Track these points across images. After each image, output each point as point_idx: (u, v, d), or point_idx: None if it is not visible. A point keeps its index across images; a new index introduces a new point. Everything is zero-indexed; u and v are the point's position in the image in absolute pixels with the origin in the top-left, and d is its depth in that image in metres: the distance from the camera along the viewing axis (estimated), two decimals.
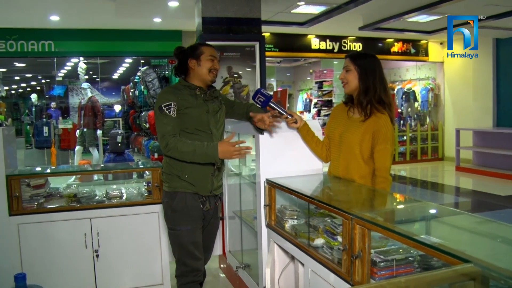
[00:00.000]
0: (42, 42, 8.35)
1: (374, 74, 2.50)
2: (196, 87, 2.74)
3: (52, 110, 12.11)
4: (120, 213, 3.60)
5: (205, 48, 2.77)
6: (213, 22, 5.47)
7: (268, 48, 9.68)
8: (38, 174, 3.68)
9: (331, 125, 2.73)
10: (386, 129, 2.45)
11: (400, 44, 10.89)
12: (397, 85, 12.28)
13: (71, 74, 12.27)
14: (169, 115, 2.59)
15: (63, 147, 10.87)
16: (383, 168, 2.48)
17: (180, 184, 2.69)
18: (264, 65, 5.58)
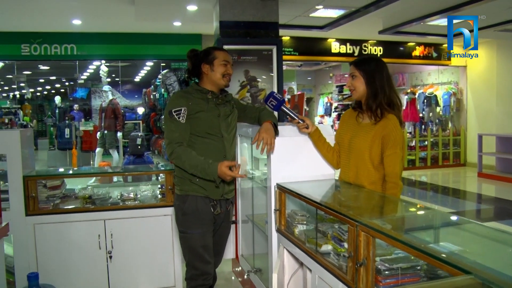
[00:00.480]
0: (64, 45, 8.53)
1: (380, 77, 2.47)
2: (208, 91, 2.75)
3: (75, 112, 12.36)
4: (133, 215, 3.63)
5: (219, 53, 2.78)
6: (231, 26, 5.49)
7: (288, 51, 9.68)
8: (54, 175, 3.74)
9: (341, 131, 2.71)
10: (396, 133, 2.42)
11: (421, 48, 10.74)
12: (419, 90, 12.10)
13: (93, 77, 12.50)
14: (177, 121, 2.61)
15: (85, 149, 11.05)
16: (393, 174, 2.44)
17: (191, 188, 2.70)
18: (281, 69, 5.56)
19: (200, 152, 2.67)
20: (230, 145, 2.80)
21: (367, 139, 2.47)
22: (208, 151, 2.69)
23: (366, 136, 2.48)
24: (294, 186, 2.68)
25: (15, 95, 17.34)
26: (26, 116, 15.43)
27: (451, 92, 11.34)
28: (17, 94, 17.12)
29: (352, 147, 2.57)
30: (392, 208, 2.33)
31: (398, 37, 9.15)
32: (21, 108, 15.59)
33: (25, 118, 15.17)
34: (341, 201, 2.50)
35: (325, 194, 2.69)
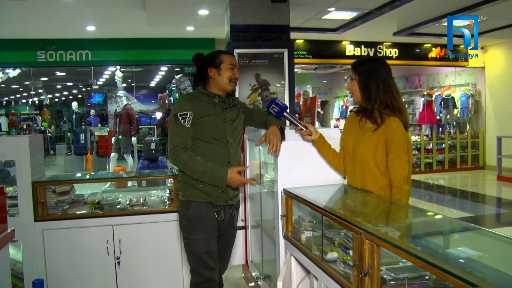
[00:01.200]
0: (79, 51, 8.62)
1: (375, 79, 2.36)
2: (214, 95, 2.70)
3: (91, 118, 12.48)
4: (141, 221, 3.60)
5: (225, 57, 2.73)
6: (242, 30, 5.46)
7: (302, 55, 9.62)
8: (63, 181, 3.73)
9: (345, 137, 2.63)
10: (398, 136, 2.32)
11: (438, 49, 10.55)
12: (436, 92, 11.90)
13: (109, 83, 12.60)
14: (183, 125, 2.56)
15: (101, 154, 11.14)
16: (396, 178, 2.35)
17: (194, 193, 2.65)
18: (293, 72, 5.51)
19: (204, 157, 2.61)
20: (235, 151, 2.74)
21: (370, 145, 2.39)
22: (212, 156, 2.64)
23: (369, 142, 2.40)
24: (301, 191, 2.61)
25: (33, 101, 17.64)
26: (45, 122, 15.67)
27: (469, 93, 11.12)
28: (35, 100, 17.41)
29: (356, 153, 2.49)
30: (399, 214, 2.25)
31: (413, 38, 9.00)
32: (39, 114, 15.85)
33: (43, 123, 15.41)
34: (347, 207, 2.42)
35: (331, 200, 2.61)
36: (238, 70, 2.76)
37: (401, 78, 12.87)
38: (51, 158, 14.94)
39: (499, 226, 6.37)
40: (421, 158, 10.87)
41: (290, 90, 5.50)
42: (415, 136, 11.18)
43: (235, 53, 5.39)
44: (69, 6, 6.17)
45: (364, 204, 2.37)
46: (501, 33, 8.56)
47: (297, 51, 9.50)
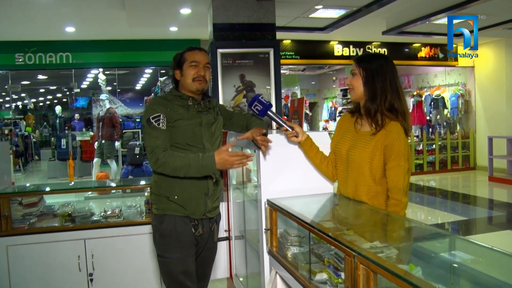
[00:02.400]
0: (60, 54, 8.30)
1: (383, 78, 2.14)
2: (188, 97, 2.43)
3: (75, 122, 12.15)
4: (116, 234, 3.32)
5: (188, 54, 2.44)
6: (225, 29, 5.20)
7: (289, 55, 9.39)
8: (29, 192, 3.44)
9: (337, 140, 2.37)
10: (399, 143, 2.09)
11: (427, 49, 10.38)
12: (425, 92, 11.73)
13: (94, 86, 12.26)
14: (158, 128, 2.29)
15: (85, 159, 10.84)
16: (395, 189, 2.12)
17: (169, 206, 2.38)
18: (279, 72, 5.25)
19: None
20: None
21: (367, 151, 2.15)
22: None
23: (366, 147, 2.16)
24: (286, 202, 2.35)
25: (17, 105, 17.20)
26: (29, 127, 15.24)
27: (458, 93, 10.96)
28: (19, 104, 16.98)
29: (351, 159, 2.24)
30: (399, 231, 1.99)
31: (402, 37, 8.82)
32: (24, 118, 15.42)
33: (27, 128, 14.98)
34: (338, 221, 2.16)
35: (320, 213, 2.36)
36: (205, 67, 2.44)
37: None
38: (36, 163, 14.56)
39: (492, 229, 6.17)
40: (411, 160, 10.67)
41: (276, 91, 5.24)
42: None
43: (219, 53, 5.14)
44: (45, 6, 5.86)
45: (358, 217, 2.12)
46: (491, 32, 8.39)
47: (284, 51, 9.27)
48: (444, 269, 1.51)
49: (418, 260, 1.63)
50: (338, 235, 1.70)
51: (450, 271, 1.49)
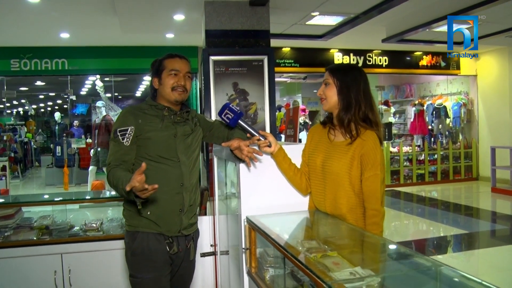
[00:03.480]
0: (55, 60, 8.17)
1: (357, 88, 2.10)
2: (164, 107, 2.30)
3: (74, 129, 12.02)
4: (95, 248, 3.18)
5: (167, 62, 2.31)
6: (218, 35, 5.07)
7: (289, 63, 9.26)
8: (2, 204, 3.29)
9: (310, 151, 2.26)
10: (376, 151, 2.04)
11: (429, 57, 10.22)
12: (427, 101, 11.57)
13: (93, 92, 12.15)
14: (120, 143, 2.18)
15: (83, 166, 10.75)
16: (373, 199, 2.04)
17: (141, 223, 2.23)
18: (273, 80, 5.11)
19: (153, 179, 2.18)
20: (190, 171, 2.33)
21: (345, 161, 2.07)
22: (162, 178, 2.23)
23: (343, 157, 2.08)
24: (266, 220, 2.20)
25: (18, 111, 17.13)
26: (29, 133, 15.16)
27: (461, 102, 10.78)
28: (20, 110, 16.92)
29: (327, 171, 2.13)
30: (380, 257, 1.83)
31: (404, 46, 8.66)
32: (25, 124, 15.35)
33: (27, 134, 14.91)
34: (320, 242, 2.00)
35: (297, 234, 2.19)
36: (186, 76, 2.32)
37: (392, 87, 12.54)
38: (36, 170, 14.47)
39: (494, 244, 5.97)
40: (413, 170, 10.50)
41: (270, 100, 5.09)
42: (406, 146, 10.81)
43: (211, 60, 5.00)
44: (35, 11, 5.74)
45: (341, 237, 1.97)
46: (494, 40, 8.23)
47: (283, 59, 9.14)
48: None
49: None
50: (311, 262, 1.54)
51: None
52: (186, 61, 2.36)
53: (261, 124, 5.10)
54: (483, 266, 5.03)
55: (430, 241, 6.10)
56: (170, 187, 2.24)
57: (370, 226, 2.05)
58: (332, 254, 1.78)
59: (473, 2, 5.59)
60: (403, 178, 10.36)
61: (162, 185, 2.19)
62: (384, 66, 9.83)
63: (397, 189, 9.91)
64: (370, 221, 2.05)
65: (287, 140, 5.49)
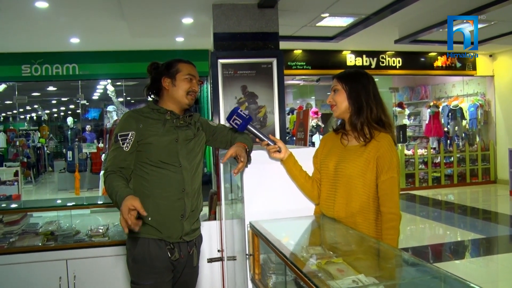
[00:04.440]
0: (66, 65, 8.26)
1: (366, 91, 2.10)
2: (166, 111, 2.29)
3: (87, 133, 12.13)
4: (100, 254, 3.18)
5: (183, 65, 2.33)
6: (226, 38, 5.07)
7: (300, 65, 9.23)
8: (7, 210, 3.31)
9: (322, 156, 2.24)
10: (391, 153, 2.02)
11: (443, 58, 10.07)
12: (443, 102, 11.39)
13: (105, 97, 12.24)
14: (120, 148, 2.17)
15: (95, 171, 10.82)
16: (391, 202, 2.01)
17: (142, 228, 2.19)
18: (282, 83, 5.09)
19: (153, 185, 2.21)
20: (192, 177, 2.30)
21: (358, 164, 2.05)
22: (163, 183, 2.22)
23: (357, 160, 2.05)
24: (269, 226, 2.16)
25: (31, 117, 17.35)
26: (42, 138, 15.35)
27: (477, 104, 10.60)
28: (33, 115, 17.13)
29: (340, 173, 2.10)
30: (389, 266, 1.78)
31: (417, 46, 8.56)
32: (38, 129, 15.55)
33: (41, 139, 15.10)
34: (325, 247, 1.96)
35: (301, 239, 2.15)
36: (198, 83, 2.36)
37: (406, 89, 12.41)
38: (49, 175, 14.63)
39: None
40: (429, 173, 10.35)
41: (280, 102, 5.08)
42: (422, 149, 10.67)
43: (219, 63, 5.01)
44: (44, 16, 5.80)
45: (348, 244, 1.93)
46: (510, 39, 8.08)
47: (295, 61, 9.12)
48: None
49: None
50: (310, 270, 1.49)
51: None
52: (196, 68, 2.40)
53: (271, 127, 5.07)
54: (503, 272, 4.92)
55: (446, 246, 6.01)
56: (171, 192, 2.22)
57: (387, 231, 2.01)
58: (337, 261, 1.74)
59: (487, 1, 5.50)
60: (418, 181, 10.22)
61: (163, 190, 2.21)
62: (398, 67, 9.73)
63: (412, 193, 9.78)
64: (387, 225, 2.02)
65: (297, 143, 5.45)
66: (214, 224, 3.43)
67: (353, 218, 2.07)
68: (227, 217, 3.30)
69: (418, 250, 5.55)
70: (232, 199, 3.13)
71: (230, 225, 3.23)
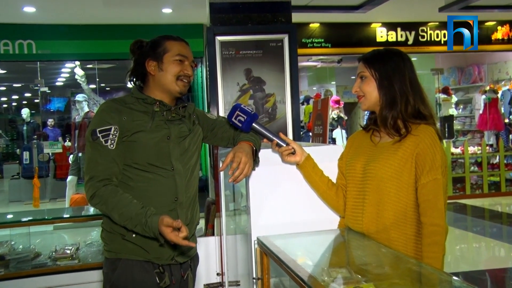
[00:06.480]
0: (19, 41, 8.23)
1: (401, 78, 2.15)
2: (154, 101, 2.36)
3: (49, 129, 12.16)
4: (68, 282, 3.28)
5: (172, 44, 2.38)
6: (225, 10, 5.14)
7: (318, 43, 9.37)
8: None
9: (348, 157, 2.31)
10: (435, 150, 2.06)
11: (505, 28, 10.15)
12: (503, 86, 11.48)
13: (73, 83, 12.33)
14: (103, 147, 2.22)
15: (60, 176, 10.87)
16: (434, 211, 2.04)
17: (124, 248, 2.29)
18: (296, 65, 5.17)
19: (139, 193, 2.26)
20: (187, 182, 2.38)
21: (392, 163, 2.10)
22: (151, 192, 2.29)
23: (390, 159, 2.11)
24: (282, 242, 2.24)
25: None
26: None
27: None
28: None
29: (370, 175, 2.16)
30: None
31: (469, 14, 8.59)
32: None
33: None
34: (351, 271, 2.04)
35: (322, 259, 2.23)
36: (192, 65, 2.42)
37: (453, 70, 12.48)
38: None
39: None
40: (484, 177, 10.40)
41: (292, 90, 5.15)
42: (473, 146, 10.72)
43: (217, 41, 5.08)
44: None
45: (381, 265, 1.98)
46: None
47: (311, 38, 9.23)
48: None
49: None
50: None
51: None
52: (189, 47, 2.45)
53: (282, 120, 5.15)
54: None
55: (511, 272, 5.96)
56: (161, 202, 2.29)
57: (429, 247, 2.04)
58: (367, 287, 1.82)
59: None
60: (469, 187, 10.28)
61: (151, 200, 2.26)
62: (442, 43, 9.82)
63: (461, 202, 9.82)
64: (429, 240, 2.04)
65: (314, 140, 5.53)
66: (212, 241, 3.51)
67: (386, 232, 2.12)
68: (229, 232, 3.40)
69: (471, 277, 5.51)
70: (235, 210, 3.23)
71: (233, 242, 3.32)
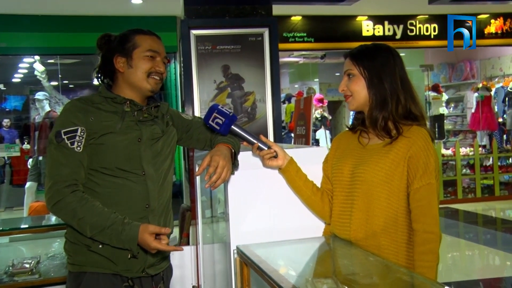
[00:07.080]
0: None
1: (391, 75, 2.17)
2: (124, 100, 2.35)
3: (4, 130, 12.05)
4: None
5: (142, 38, 2.38)
6: (200, 1, 5.15)
7: (300, 37, 9.44)
8: None
9: (335, 160, 2.33)
10: (428, 153, 2.10)
11: (498, 21, 10.30)
12: (496, 83, 11.63)
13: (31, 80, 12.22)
14: (69, 149, 2.21)
15: (17, 183, 10.75)
16: (427, 217, 2.08)
17: (89, 260, 2.28)
18: (277, 61, 5.22)
19: (107, 200, 2.25)
20: (159, 188, 2.39)
21: (383, 166, 2.12)
22: (120, 198, 2.28)
23: (381, 162, 2.13)
24: (263, 252, 2.26)
25: None
26: None
27: None
28: None
29: (358, 179, 2.18)
30: None
31: (460, 7, 8.73)
32: None
33: None
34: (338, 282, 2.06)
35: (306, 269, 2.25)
36: (164, 61, 2.42)
37: (444, 66, 12.63)
38: None
39: None
40: (476, 180, 10.51)
41: (273, 87, 5.18)
42: (465, 147, 10.84)
43: (192, 35, 5.09)
44: None
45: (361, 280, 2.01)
46: None
47: (293, 32, 9.29)
48: None
49: None
50: None
51: None
52: (161, 42, 2.45)
53: (262, 120, 5.18)
54: None
55: (507, 281, 5.98)
56: (131, 210, 2.28)
57: (423, 256, 2.07)
58: None
59: None
60: (461, 191, 10.37)
61: (121, 207, 2.25)
62: (432, 37, 9.94)
63: (453, 207, 9.90)
64: (423, 248, 2.07)
65: (296, 141, 5.57)
66: (187, 251, 3.51)
67: (375, 239, 2.14)
68: (206, 241, 3.41)
69: (464, 287, 5.57)
70: (212, 217, 3.23)
71: (210, 251, 3.34)
